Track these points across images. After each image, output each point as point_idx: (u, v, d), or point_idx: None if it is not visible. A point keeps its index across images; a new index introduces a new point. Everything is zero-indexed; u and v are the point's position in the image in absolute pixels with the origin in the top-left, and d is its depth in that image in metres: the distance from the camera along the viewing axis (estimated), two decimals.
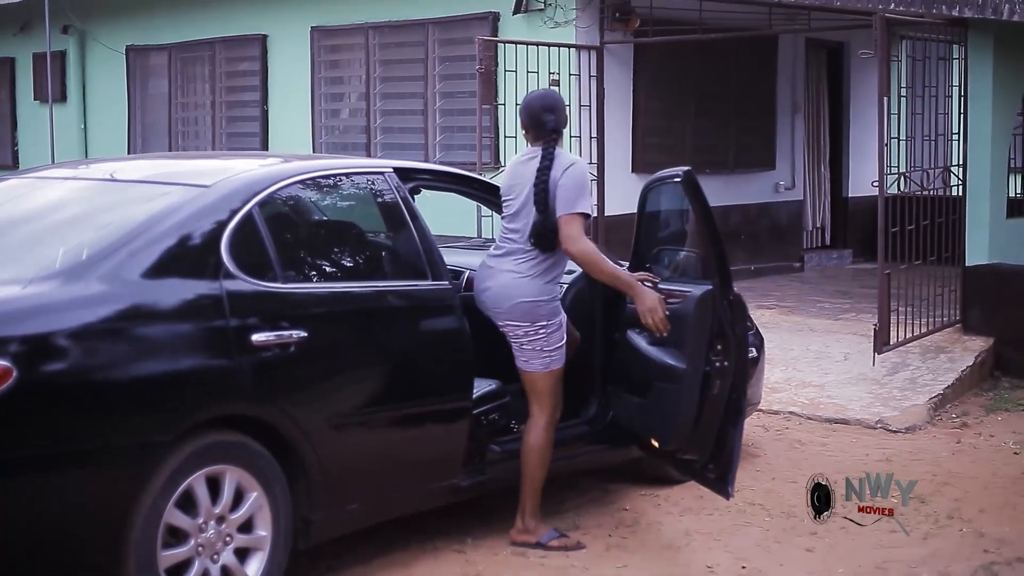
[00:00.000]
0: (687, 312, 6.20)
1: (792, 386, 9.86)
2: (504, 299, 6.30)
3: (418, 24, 14.22)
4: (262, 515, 5.37)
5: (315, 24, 15.10)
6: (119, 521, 4.90)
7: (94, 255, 5.19)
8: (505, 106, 12.42)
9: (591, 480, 7.37)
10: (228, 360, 5.29)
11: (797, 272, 15.53)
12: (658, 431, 6.37)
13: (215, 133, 16.50)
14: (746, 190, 15.03)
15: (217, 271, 5.35)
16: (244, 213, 5.59)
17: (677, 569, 6.14)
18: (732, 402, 6.15)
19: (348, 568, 6.04)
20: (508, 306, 6.28)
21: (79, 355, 4.89)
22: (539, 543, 6.29)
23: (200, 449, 5.16)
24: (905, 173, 10.56)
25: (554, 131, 6.38)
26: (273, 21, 15.61)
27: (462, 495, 6.36)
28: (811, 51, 16.14)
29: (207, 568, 5.19)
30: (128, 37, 17.27)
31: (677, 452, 6.44)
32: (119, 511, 4.90)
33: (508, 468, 6.40)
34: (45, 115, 17.74)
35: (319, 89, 15.28)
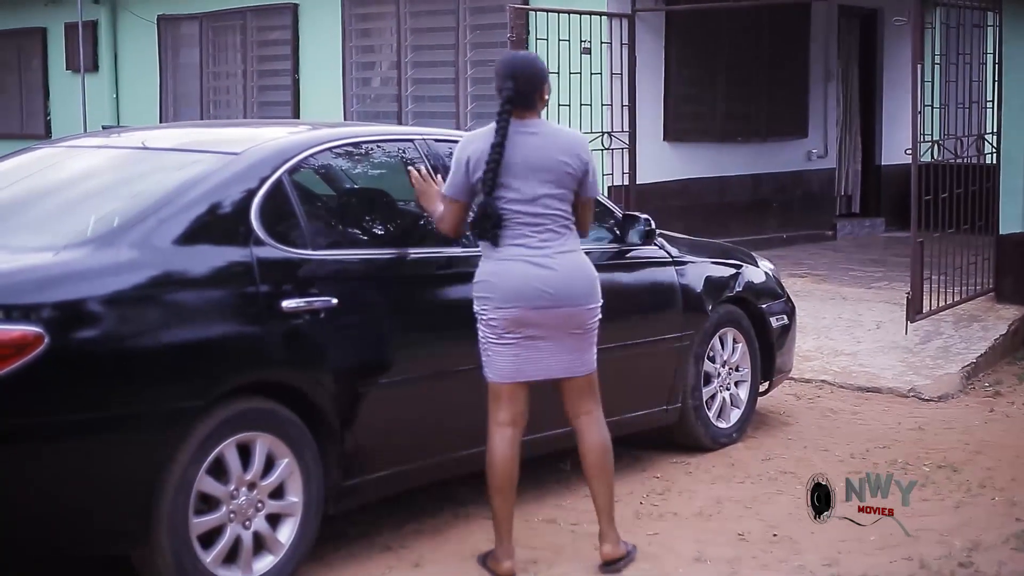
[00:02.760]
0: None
1: (824, 354, 9.82)
2: (580, 280, 5.64)
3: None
4: (293, 481, 5.38)
5: None
6: (151, 488, 4.91)
7: (125, 222, 5.20)
8: None
9: (621, 448, 7.35)
10: (258, 327, 5.30)
11: (829, 240, 15.48)
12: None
13: (246, 102, 16.51)
14: (778, 158, 14.97)
15: (247, 238, 5.35)
16: (274, 180, 5.60)
17: (708, 536, 6.13)
18: None
19: (380, 533, 6.06)
20: (589, 287, 5.68)
21: (110, 322, 4.90)
22: (628, 553, 5.83)
23: (231, 416, 5.17)
24: (939, 141, 10.49)
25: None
26: None
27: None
28: (844, 18, 16.05)
29: (239, 534, 5.20)
30: (159, 7, 17.28)
31: None
32: (150, 478, 4.91)
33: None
34: (77, 85, 17.80)
35: (350, 58, 15.27)
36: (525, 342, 5.58)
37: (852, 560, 5.85)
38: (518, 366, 5.60)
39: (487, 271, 5.60)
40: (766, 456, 7.50)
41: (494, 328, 5.58)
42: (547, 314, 5.55)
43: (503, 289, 5.54)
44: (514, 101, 5.58)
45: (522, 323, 5.55)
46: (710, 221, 12.95)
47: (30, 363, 4.62)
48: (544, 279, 5.53)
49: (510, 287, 5.53)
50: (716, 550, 5.97)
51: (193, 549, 5.04)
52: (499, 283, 5.55)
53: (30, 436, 4.69)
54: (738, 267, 7.90)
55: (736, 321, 7.72)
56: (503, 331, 5.57)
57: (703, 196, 13.86)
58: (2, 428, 4.63)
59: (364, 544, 5.97)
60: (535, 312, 5.53)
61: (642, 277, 7.23)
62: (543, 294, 5.53)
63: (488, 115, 13.53)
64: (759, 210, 14.65)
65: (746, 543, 6.10)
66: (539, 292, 5.52)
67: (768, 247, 12.99)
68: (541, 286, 5.52)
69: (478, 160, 5.57)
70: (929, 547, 5.96)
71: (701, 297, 7.44)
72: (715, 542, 6.08)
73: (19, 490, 4.70)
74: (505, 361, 5.60)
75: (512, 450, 5.65)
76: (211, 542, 5.13)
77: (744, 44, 14.20)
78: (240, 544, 5.21)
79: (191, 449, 5.00)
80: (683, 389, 7.32)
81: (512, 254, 5.56)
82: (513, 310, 5.53)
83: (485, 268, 5.62)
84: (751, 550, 6.00)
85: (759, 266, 8.17)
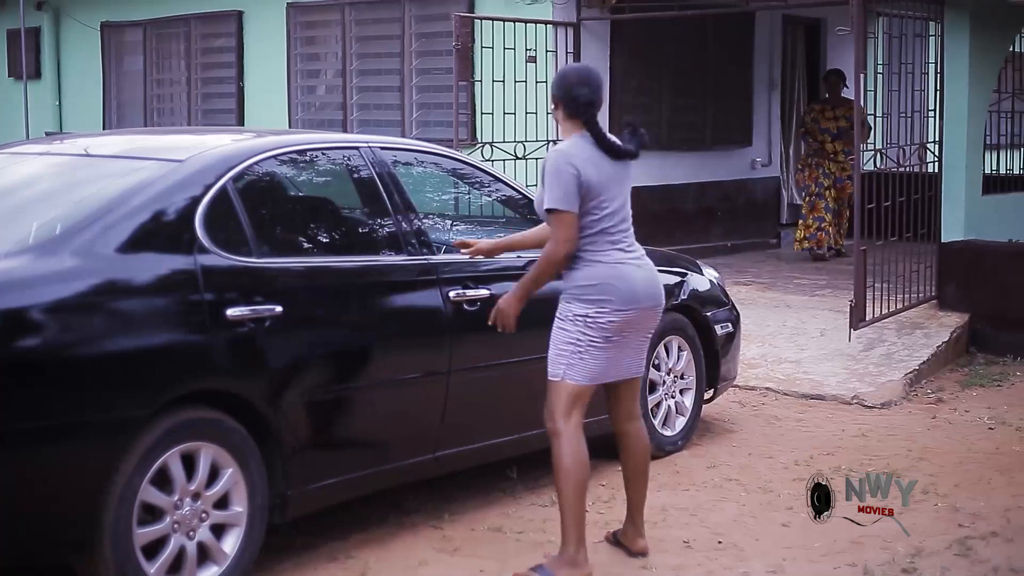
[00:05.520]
0: None
1: (768, 362, 9.88)
2: (658, 287, 5.89)
3: (394, 1, 14.16)
4: (238, 491, 5.35)
5: (291, 0, 15.03)
6: (94, 498, 4.87)
7: (68, 230, 5.17)
8: (482, 83, 12.41)
9: None
10: (203, 335, 5.27)
11: (774, 248, 15.55)
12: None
13: (191, 110, 16.42)
14: (723, 167, 15.03)
15: (192, 246, 5.32)
16: (218, 188, 5.57)
17: (653, 544, 6.13)
18: None
19: (325, 543, 6.03)
20: (661, 293, 5.92)
21: (53, 330, 4.86)
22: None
23: (175, 425, 5.14)
24: (881, 149, 10.58)
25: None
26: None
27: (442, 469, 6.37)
28: (788, 27, 16.14)
29: (183, 545, 5.17)
30: (102, 13, 17.16)
31: None
32: (94, 488, 4.87)
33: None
34: (19, 91, 17.65)
35: (295, 66, 15.21)
36: (622, 343, 5.73)
37: (797, 567, 5.89)
38: (607, 368, 5.73)
39: (603, 274, 5.66)
40: (711, 463, 7.53)
41: (604, 330, 5.65)
42: (647, 314, 5.78)
43: (623, 292, 5.65)
44: (595, 106, 5.76)
45: (631, 325, 5.72)
46: (655, 229, 12.93)
47: None
48: (649, 281, 5.78)
49: (629, 289, 5.67)
50: (661, 558, 5.99)
51: (137, 560, 5.00)
52: (620, 286, 5.65)
53: None
54: (683, 275, 7.92)
55: (681, 329, 7.74)
56: (613, 333, 5.66)
57: (648, 204, 13.81)
58: None
59: (310, 553, 5.94)
60: (642, 313, 5.74)
61: None
62: (652, 295, 5.78)
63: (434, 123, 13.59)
64: (704, 218, 14.70)
65: (691, 550, 6.12)
66: (649, 293, 5.75)
67: (713, 255, 13.05)
68: (649, 288, 5.76)
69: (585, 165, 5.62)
70: (873, 553, 6.00)
71: None
72: (660, 549, 6.09)
73: None
74: (599, 363, 5.68)
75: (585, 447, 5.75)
76: (155, 553, 5.09)
77: (689, 53, 14.25)
78: (184, 555, 5.17)
79: (135, 459, 4.97)
80: None
81: (619, 258, 5.71)
82: (631, 312, 5.66)
83: (598, 271, 5.66)
84: (696, 557, 6.02)
85: (704, 274, 8.20)
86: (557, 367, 5.68)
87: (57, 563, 5.02)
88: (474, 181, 7.21)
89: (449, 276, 6.33)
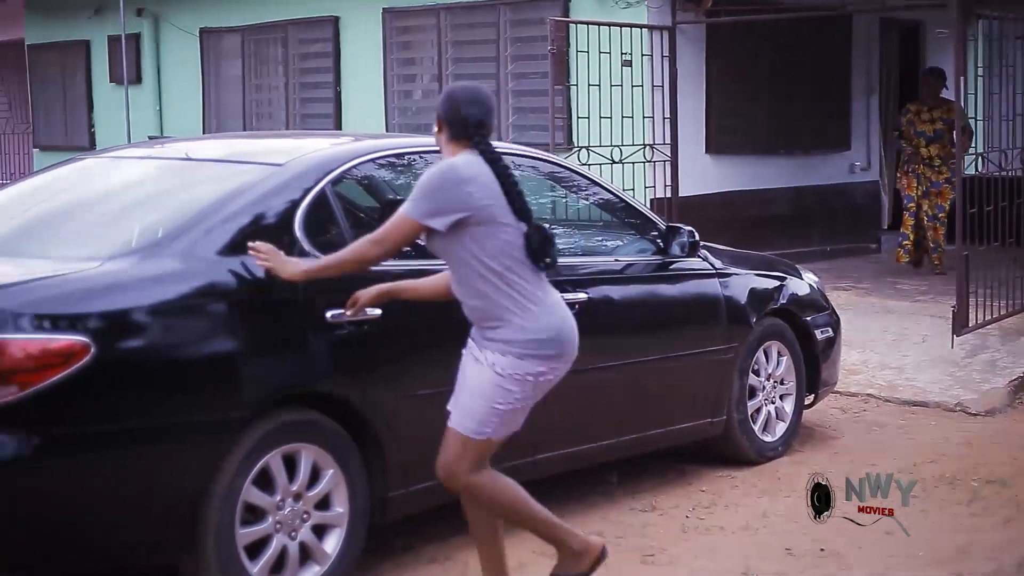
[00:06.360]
0: None
1: (870, 368, 9.75)
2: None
3: (489, 5, 14.19)
4: (339, 492, 5.37)
5: (387, 6, 15.09)
6: (197, 499, 4.91)
7: (170, 233, 5.22)
8: (577, 87, 12.39)
9: (667, 461, 7.32)
10: (303, 337, 5.29)
11: (874, 253, 15.37)
12: None
13: (288, 114, 16.55)
14: (821, 171, 14.90)
15: (291, 248, 5.34)
16: (317, 191, 5.60)
17: (755, 551, 6.07)
18: None
19: (425, 545, 6.03)
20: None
21: (156, 332, 4.91)
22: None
23: (276, 427, 5.17)
24: (983, 154, 10.41)
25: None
26: (345, 3, 15.61)
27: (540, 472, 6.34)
28: (886, 31, 15.96)
29: (285, 545, 5.20)
30: (201, 19, 17.34)
31: None
32: (197, 488, 4.91)
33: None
34: (121, 97, 17.88)
35: (391, 70, 15.28)
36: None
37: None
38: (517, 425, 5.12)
39: (547, 326, 4.94)
40: (812, 470, 7.39)
41: (542, 388, 5.04)
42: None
43: (568, 342, 5.03)
44: (487, 126, 5.02)
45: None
46: (753, 234, 12.86)
47: (76, 373, 4.63)
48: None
49: (572, 340, 5.05)
50: (763, 565, 5.92)
51: (240, 560, 5.03)
52: (565, 337, 5.02)
53: (76, 446, 4.69)
54: (782, 279, 7.84)
55: (780, 334, 7.67)
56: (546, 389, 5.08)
57: (746, 209, 13.79)
58: (48, 438, 4.64)
59: (410, 556, 5.95)
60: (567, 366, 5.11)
61: (685, 289, 7.19)
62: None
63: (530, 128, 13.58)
64: (802, 223, 14.57)
65: (793, 558, 6.04)
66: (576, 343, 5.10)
67: (811, 260, 12.91)
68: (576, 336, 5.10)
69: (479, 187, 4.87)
70: (978, 563, 5.90)
71: (745, 309, 7.39)
72: (762, 556, 6.02)
73: (65, 501, 4.71)
74: (520, 418, 5.07)
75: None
76: (257, 553, 5.12)
77: (786, 56, 14.13)
78: (286, 555, 5.20)
79: (237, 460, 5.00)
80: (728, 402, 7.27)
81: (557, 299, 5.08)
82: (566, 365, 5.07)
83: (541, 323, 4.92)
84: (798, 565, 5.95)
85: (803, 278, 8.11)
86: (485, 426, 4.96)
87: (161, 563, 5.05)
88: (571, 184, 7.18)
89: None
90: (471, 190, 4.84)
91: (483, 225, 4.85)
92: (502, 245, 4.88)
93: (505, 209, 4.88)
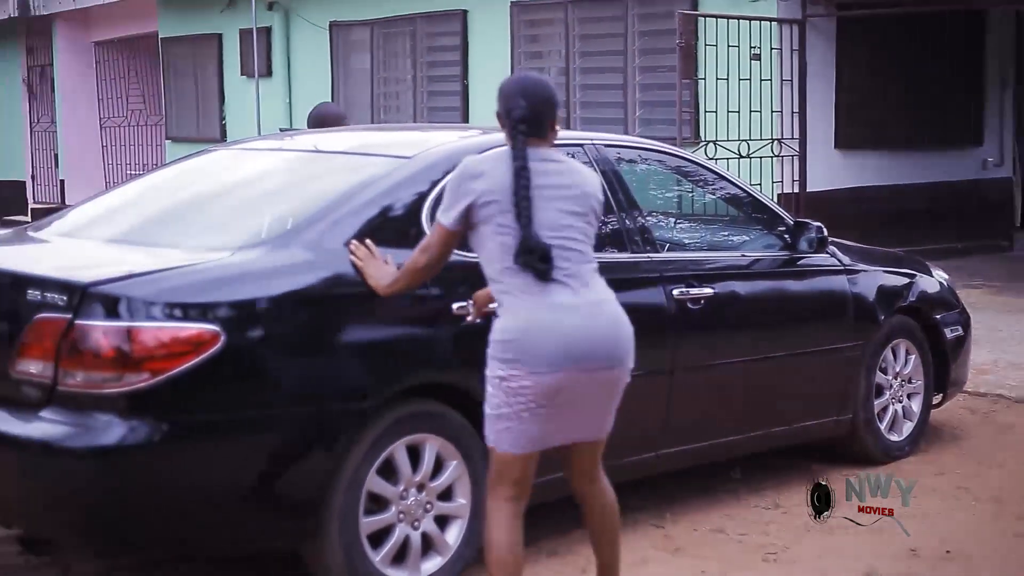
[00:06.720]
0: None
1: (1000, 367, 9.59)
2: (615, 341, 4.71)
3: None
4: (461, 484, 5.40)
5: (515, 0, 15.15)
6: (323, 486, 4.96)
7: (299, 224, 5.28)
8: (705, 80, 12.34)
9: (793, 459, 7.26)
10: (430, 329, 5.33)
11: (1006, 252, 15.10)
12: None
13: (416, 107, 16.66)
14: (953, 167, 14.69)
15: (418, 241, 5.36)
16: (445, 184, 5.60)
17: (880, 550, 6.00)
18: None
19: (546, 538, 6.03)
20: (631, 344, 4.79)
21: (284, 322, 4.97)
22: None
23: (401, 417, 5.20)
24: None
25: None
26: None
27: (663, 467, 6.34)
28: (1022, 24, 15.66)
29: (408, 534, 5.23)
30: (331, 13, 17.53)
31: None
32: (323, 476, 4.96)
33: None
34: (251, 89, 18.15)
35: (519, 64, 15.32)
36: (567, 407, 4.61)
37: None
38: (546, 433, 4.64)
39: (512, 327, 4.55)
40: (940, 470, 7.32)
41: (524, 397, 4.54)
42: (597, 377, 4.63)
43: (541, 349, 4.52)
44: (528, 121, 4.78)
45: (568, 391, 4.56)
46: (882, 230, 12.70)
47: (206, 361, 4.71)
48: (598, 334, 4.64)
49: (554, 345, 4.53)
50: (888, 565, 5.85)
51: (363, 548, 5.08)
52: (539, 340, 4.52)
53: (205, 432, 4.78)
54: (911, 276, 7.73)
55: (909, 332, 7.56)
56: (539, 401, 4.53)
57: (875, 205, 13.63)
58: (178, 425, 4.73)
59: (530, 549, 5.91)
60: (586, 376, 4.58)
61: (813, 285, 7.12)
62: (600, 354, 4.62)
63: (657, 122, 13.56)
64: (933, 219, 14.36)
65: (918, 559, 5.95)
66: (592, 351, 4.60)
67: (942, 257, 12.71)
68: (594, 344, 4.61)
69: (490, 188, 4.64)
70: None
71: (873, 306, 7.30)
72: (887, 556, 5.94)
73: (193, 485, 4.79)
74: (535, 428, 4.59)
75: (520, 532, 4.77)
76: (380, 542, 5.16)
77: (917, 50, 13.95)
78: (408, 544, 5.24)
79: (363, 449, 5.05)
80: (854, 400, 7.19)
81: (561, 303, 4.59)
82: (561, 375, 4.52)
83: (507, 324, 4.56)
84: (923, 566, 5.87)
85: (933, 276, 7.99)
86: (489, 432, 4.66)
87: (285, 549, 5.13)
88: (698, 179, 7.15)
89: (673, 274, 6.28)
90: (478, 183, 4.64)
91: (484, 225, 4.63)
92: (497, 247, 4.61)
93: (508, 211, 4.59)
